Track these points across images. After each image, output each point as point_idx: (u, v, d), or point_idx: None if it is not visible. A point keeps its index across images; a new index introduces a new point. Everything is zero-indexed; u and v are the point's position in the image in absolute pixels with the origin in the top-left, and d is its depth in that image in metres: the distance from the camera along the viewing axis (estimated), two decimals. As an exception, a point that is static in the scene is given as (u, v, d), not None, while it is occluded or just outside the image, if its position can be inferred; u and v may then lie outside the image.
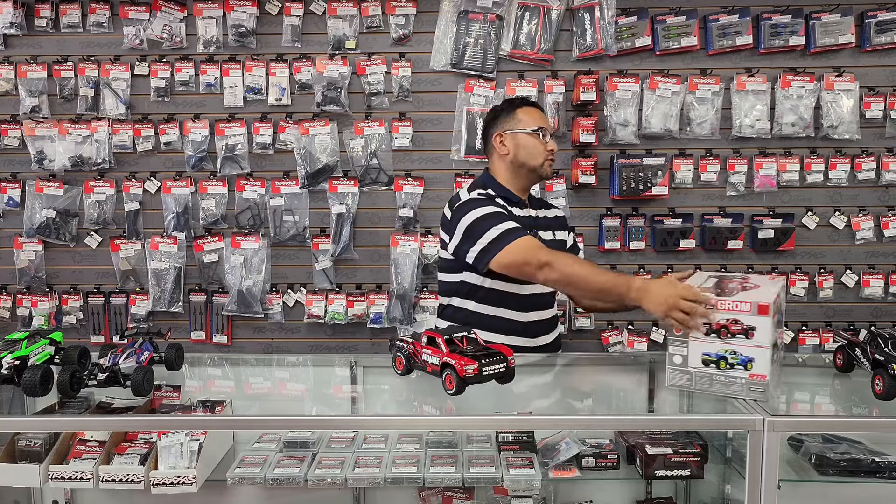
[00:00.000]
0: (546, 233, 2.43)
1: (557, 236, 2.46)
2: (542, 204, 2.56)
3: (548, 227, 2.44)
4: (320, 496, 2.00)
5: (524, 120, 2.38)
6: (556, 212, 2.57)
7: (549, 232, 2.44)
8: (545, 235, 2.41)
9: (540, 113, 2.46)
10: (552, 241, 2.42)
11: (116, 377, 1.78)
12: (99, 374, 1.78)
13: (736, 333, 1.71)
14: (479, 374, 1.70)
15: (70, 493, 2.06)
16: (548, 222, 2.47)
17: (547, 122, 2.45)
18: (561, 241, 2.47)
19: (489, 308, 2.36)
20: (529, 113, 2.41)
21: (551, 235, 2.44)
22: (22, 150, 3.51)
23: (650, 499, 2.09)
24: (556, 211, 2.58)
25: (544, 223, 2.45)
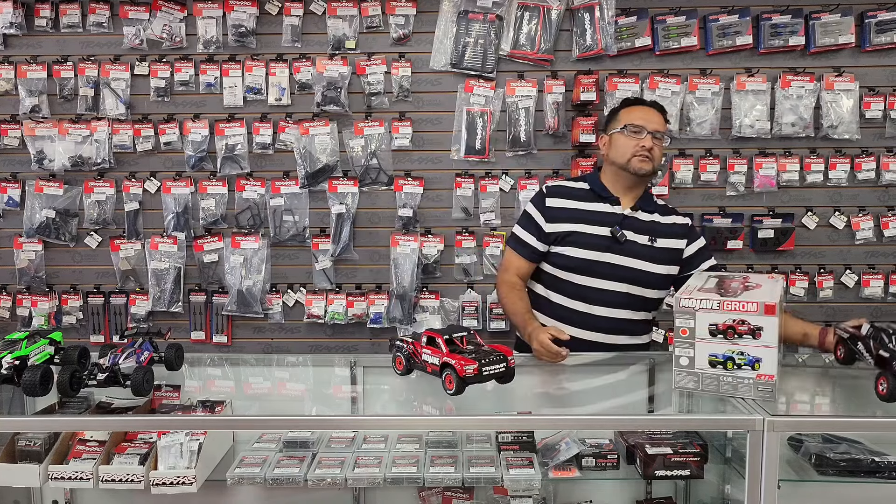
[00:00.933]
0: (639, 235, 2.41)
1: (659, 243, 2.43)
2: (661, 210, 2.51)
3: (647, 232, 2.43)
4: (320, 496, 2.00)
5: (620, 119, 2.46)
6: (675, 219, 2.52)
7: (645, 237, 2.42)
8: (634, 237, 2.40)
9: (643, 111, 2.45)
10: (645, 245, 2.41)
11: (116, 377, 1.78)
12: (99, 374, 1.78)
13: (743, 334, 1.71)
14: (478, 374, 1.70)
15: (70, 493, 2.06)
16: (651, 227, 2.44)
17: (649, 118, 2.42)
18: (665, 249, 2.44)
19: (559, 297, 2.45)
20: (629, 112, 2.46)
21: (646, 240, 2.42)
22: (22, 150, 3.51)
23: (650, 499, 2.09)
24: (678, 219, 2.53)
25: (643, 226, 2.43)
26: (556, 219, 2.45)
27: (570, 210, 2.45)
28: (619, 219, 2.42)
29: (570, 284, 2.42)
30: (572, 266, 2.41)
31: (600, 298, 2.40)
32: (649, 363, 2.32)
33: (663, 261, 2.43)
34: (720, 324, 1.73)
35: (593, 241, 2.40)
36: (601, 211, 2.43)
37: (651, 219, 2.46)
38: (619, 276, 2.39)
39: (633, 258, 2.40)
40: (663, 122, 2.47)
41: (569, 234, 2.42)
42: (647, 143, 2.37)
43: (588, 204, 2.45)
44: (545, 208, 2.47)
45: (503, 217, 3.49)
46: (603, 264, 2.39)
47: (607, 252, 2.39)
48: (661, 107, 2.53)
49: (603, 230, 2.40)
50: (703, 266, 2.49)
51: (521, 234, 2.49)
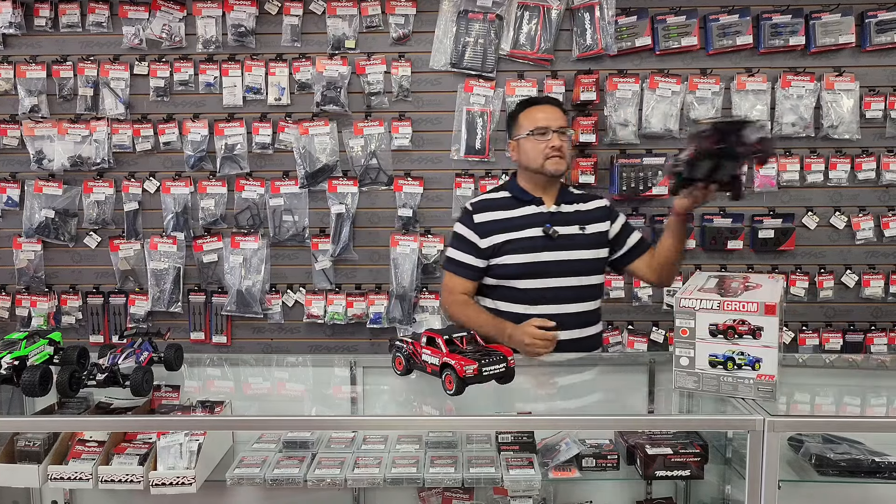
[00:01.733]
0: (569, 227, 2.45)
1: (588, 230, 2.48)
2: (580, 198, 2.56)
3: (575, 222, 2.47)
4: (320, 496, 2.00)
5: (523, 124, 2.46)
6: (595, 203, 2.56)
7: (575, 227, 2.46)
8: (566, 230, 2.44)
9: (540, 112, 2.46)
10: (578, 235, 2.45)
11: (115, 377, 1.78)
12: (98, 375, 1.78)
13: (743, 334, 1.70)
14: (478, 375, 1.69)
15: (69, 494, 2.05)
16: (577, 216, 2.49)
17: (550, 117, 2.44)
18: (595, 234, 2.49)
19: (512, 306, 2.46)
20: (528, 115, 2.47)
21: (577, 230, 2.46)
22: (21, 150, 3.51)
23: (650, 499, 2.08)
24: (597, 202, 2.57)
25: (570, 218, 2.48)
26: (489, 232, 2.46)
27: (499, 221, 2.47)
28: (547, 217, 2.46)
29: (516, 290, 2.44)
30: (514, 273, 2.43)
31: (547, 297, 2.42)
32: (649, 363, 2.32)
33: (595, 245, 2.49)
34: (720, 324, 1.72)
35: (528, 244, 2.43)
36: (528, 214, 2.47)
37: (575, 209, 2.51)
38: (561, 272, 2.42)
39: (569, 250, 2.44)
40: (562, 115, 2.49)
41: (503, 243, 2.43)
42: (555, 142, 2.40)
43: (514, 211, 2.48)
44: (475, 225, 2.48)
45: (503, 217, 3.49)
46: (543, 263, 2.42)
47: (544, 251, 2.42)
48: (557, 101, 2.56)
49: (535, 231, 2.44)
50: (629, 241, 2.55)
51: (458, 255, 2.50)
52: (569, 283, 2.43)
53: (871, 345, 3.50)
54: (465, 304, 2.49)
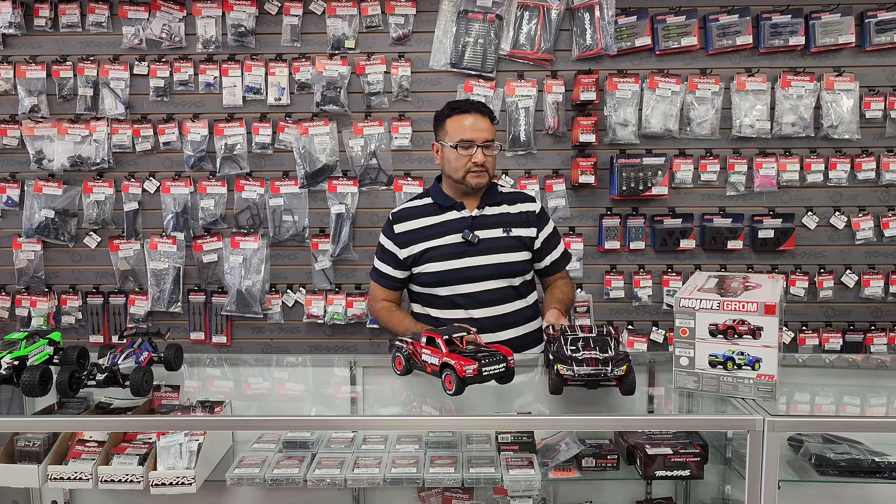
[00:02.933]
0: (491, 230, 2.41)
1: (514, 233, 2.43)
2: (508, 199, 2.49)
3: (498, 225, 2.43)
4: (320, 497, 2.00)
5: (449, 132, 2.39)
6: (523, 206, 2.49)
7: (499, 229, 2.42)
8: (488, 233, 2.41)
9: (469, 121, 2.36)
10: (500, 237, 2.41)
11: (115, 377, 1.78)
12: (98, 375, 1.78)
13: (743, 334, 1.70)
14: (478, 375, 1.69)
15: (69, 494, 2.05)
16: (501, 219, 2.44)
17: (476, 129, 2.34)
18: (517, 238, 2.43)
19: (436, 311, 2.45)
20: (455, 123, 2.37)
21: (500, 232, 2.42)
22: (21, 150, 3.51)
23: (650, 499, 2.08)
24: (526, 206, 2.49)
25: (493, 221, 2.43)
26: (409, 242, 2.44)
27: (418, 230, 2.45)
28: (467, 222, 2.42)
29: (441, 297, 2.43)
30: (436, 280, 2.42)
31: (474, 301, 2.39)
32: (649, 363, 2.32)
33: (520, 248, 2.45)
34: (720, 324, 1.72)
35: (449, 250, 2.40)
36: (449, 220, 2.43)
37: (500, 211, 2.45)
38: (484, 275, 2.39)
39: (492, 254, 2.40)
40: (490, 125, 2.39)
41: (423, 251, 2.42)
42: (478, 158, 2.33)
43: (435, 217, 2.45)
44: (395, 235, 2.46)
45: (503, 217, 3.49)
46: (464, 269, 2.39)
47: (465, 257, 2.39)
48: (486, 110, 2.42)
49: (456, 238, 2.40)
50: (548, 258, 2.50)
51: (380, 265, 2.51)
52: (494, 286, 2.40)
53: (871, 345, 3.50)
54: (388, 311, 2.49)
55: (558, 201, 3.49)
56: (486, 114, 2.40)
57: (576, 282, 3.48)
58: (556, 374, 1.71)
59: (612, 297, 3.53)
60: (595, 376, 1.71)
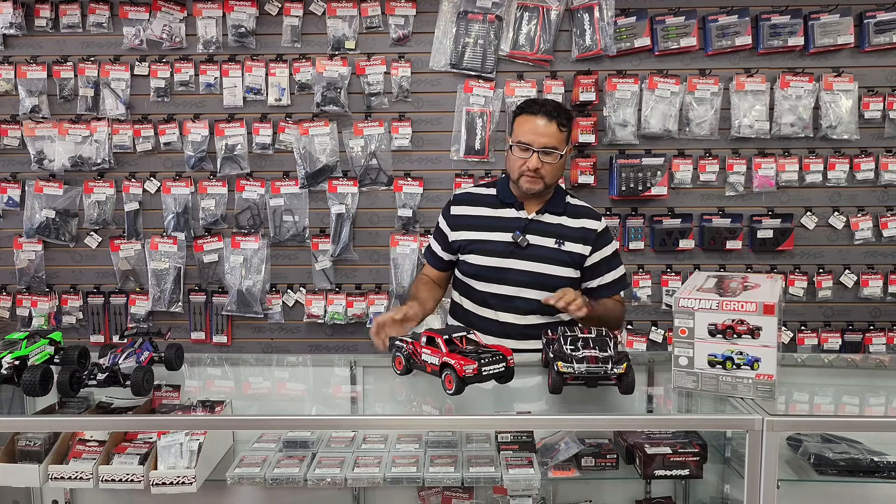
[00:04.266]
0: (543, 238, 2.34)
1: (566, 247, 2.34)
2: (572, 211, 2.40)
3: (552, 235, 2.35)
4: (320, 496, 2.00)
5: (514, 130, 2.33)
6: (585, 223, 2.38)
7: (551, 239, 2.34)
8: (539, 241, 2.34)
9: (533, 123, 2.26)
10: (550, 248, 2.34)
11: (116, 377, 1.78)
12: (99, 374, 1.78)
13: (742, 334, 1.71)
14: (478, 374, 1.70)
15: (70, 493, 2.05)
16: (557, 229, 2.36)
17: (538, 133, 2.25)
18: (568, 253, 2.34)
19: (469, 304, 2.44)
20: (520, 123, 2.31)
21: (552, 243, 2.34)
22: (22, 151, 3.51)
23: (649, 498, 2.09)
24: (589, 223, 2.39)
25: (548, 229, 2.35)
26: (460, 227, 2.41)
27: (474, 217, 2.40)
28: (522, 223, 2.35)
29: (476, 291, 2.39)
30: (475, 273, 2.38)
31: (506, 305, 2.34)
32: (648, 363, 2.32)
33: (567, 264, 2.35)
34: (719, 324, 1.73)
35: (495, 247, 2.34)
36: (505, 217, 2.38)
37: (558, 221, 2.36)
38: (524, 282, 2.33)
39: (537, 262, 2.32)
40: (556, 130, 2.25)
41: (472, 241, 2.38)
42: (532, 163, 2.24)
43: (493, 210, 2.40)
44: (450, 216, 2.44)
45: (503, 217, 3.50)
46: (506, 270, 2.33)
47: (510, 258, 2.33)
48: (556, 112, 2.27)
49: (506, 236, 2.34)
50: (603, 279, 2.40)
51: (432, 242, 2.52)
52: (531, 295, 2.32)
53: (870, 344, 3.51)
54: (417, 282, 2.51)
55: (558, 201, 3.49)
56: (553, 118, 2.25)
57: (575, 282, 3.49)
58: (557, 371, 1.72)
59: (611, 298, 3.53)
60: (595, 374, 1.71)
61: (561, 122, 2.27)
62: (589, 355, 1.74)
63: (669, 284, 3.51)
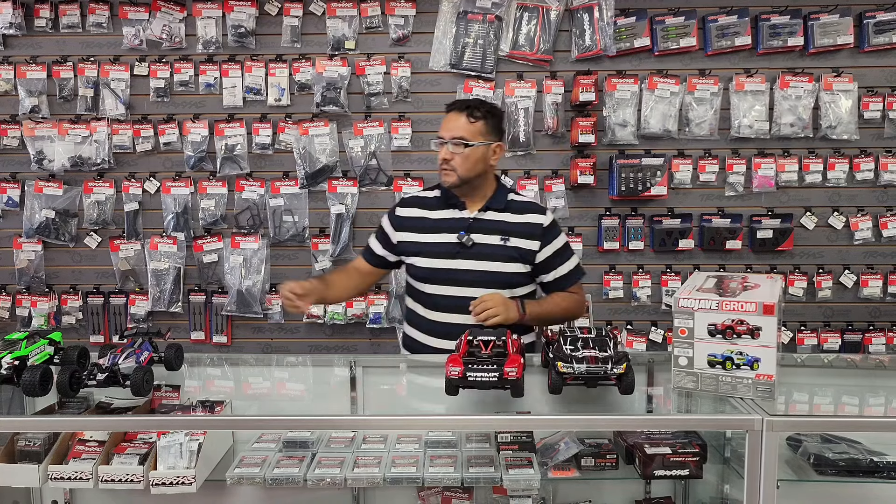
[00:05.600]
0: (488, 236, 2.32)
1: (511, 242, 2.32)
2: (516, 207, 2.38)
3: (497, 232, 2.33)
4: (319, 496, 2.00)
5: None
6: (531, 218, 2.37)
7: (496, 236, 2.32)
8: (484, 239, 2.31)
9: (446, 118, 2.32)
10: (496, 245, 2.31)
11: (116, 377, 1.78)
12: (98, 375, 1.78)
13: (742, 334, 1.71)
14: (462, 378, 1.68)
15: (69, 494, 2.05)
16: (501, 226, 2.33)
17: (451, 126, 2.29)
18: (514, 248, 2.32)
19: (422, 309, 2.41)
20: (443, 121, 2.35)
21: (497, 240, 2.32)
22: (21, 151, 3.51)
23: (649, 498, 2.09)
24: (534, 217, 2.37)
25: (492, 227, 2.33)
26: (405, 228, 2.40)
27: (418, 219, 2.40)
28: (466, 223, 2.33)
29: (426, 295, 2.37)
30: (424, 276, 2.36)
31: (457, 305, 2.29)
32: (648, 363, 2.32)
33: (516, 259, 2.33)
34: (719, 324, 1.73)
35: (440, 248, 2.33)
36: (448, 217, 2.37)
37: (501, 218, 2.34)
38: (472, 281, 2.30)
39: (484, 261, 2.30)
40: (465, 122, 2.27)
41: (417, 243, 2.37)
42: (441, 154, 2.29)
43: (437, 212, 2.39)
44: (395, 217, 2.44)
45: (502, 217, 3.50)
46: (454, 271, 2.31)
47: (456, 258, 2.31)
48: (467, 106, 2.31)
49: (450, 237, 2.32)
50: (558, 271, 2.38)
51: (371, 241, 2.50)
52: (478, 293, 2.26)
53: (870, 345, 3.51)
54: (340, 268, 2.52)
55: (557, 202, 3.49)
56: (463, 111, 2.30)
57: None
58: (556, 371, 1.72)
59: (611, 297, 3.53)
60: (595, 374, 1.71)
61: (472, 113, 2.29)
62: (589, 355, 1.74)
63: (669, 284, 3.51)
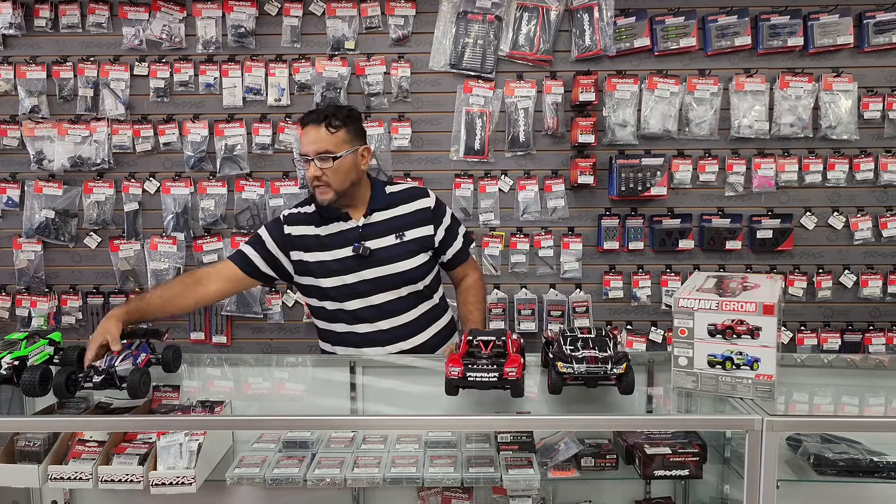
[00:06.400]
0: (383, 239, 2.26)
1: (408, 236, 2.27)
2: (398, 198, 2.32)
3: (390, 231, 2.27)
4: (319, 496, 2.00)
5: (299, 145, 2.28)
6: (417, 204, 2.31)
7: (391, 236, 2.26)
8: (380, 243, 2.26)
9: (306, 133, 2.19)
10: (394, 245, 2.26)
11: (112, 380, 1.78)
12: (95, 377, 1.77)
13: (742, 334, 1.71)
14: (462, 378, 1.68)
15: (69, 494, 2.05)
16: (393, 223, 2.28)
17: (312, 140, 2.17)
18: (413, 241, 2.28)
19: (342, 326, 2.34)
20: (301, 136, 2.23)
21: (393, 239, 2.26)
22: (21, 151, 3.51)
23: (649, 499, 2.09)
24: (420, 202, 2.31)
25: (384, 227, 2.28)
26: (297, 247, 2.28)
27: (310, 237, 2.28)
28: (356, 233, 2.25)
29: (345, 312, 2.29)
30: (334, 296, 2.27)
31: (380, 313, 2.27)
32: (648, 363, 2.32)
33: (416, 252, 2.28)
34: (719, 324, 1.73)
35: (339, 266, 2.24)
36: (336, 232, 2.26)
37: (390, 215, 2.28)
38: (380, 288, 2.25)
39: (386, 265, 2.25)
40: (326, 134, 2.15)
41: (316, 263, 2.27)
42: (310, 172, 2.16)
43: (321, 228, 2.27)
44: (284, 236, 2.29)
45: (502, 217, 3.50)
46: (361, 283, 2.25)
47: (360, 270, 2.24)
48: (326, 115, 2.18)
49: (345, 251, 2.24)
50: (451, 249, 2.37)
51: (247, 249, 2.31)
52: (395, 296, 2.27)
53: (870, 345, 3.51)
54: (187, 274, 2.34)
55: (557, 202, 3.49)
56: (321, 122, 2.16)
57: (574, 282, 3.50)
58: (556, 372, 1.72)
59: (610, 298, 3.53)
60: (594, 374, 1.71)
61: (330, 123, 2.17)
62: (588, 355, 1.74)
63: (669, 285, 3.51)
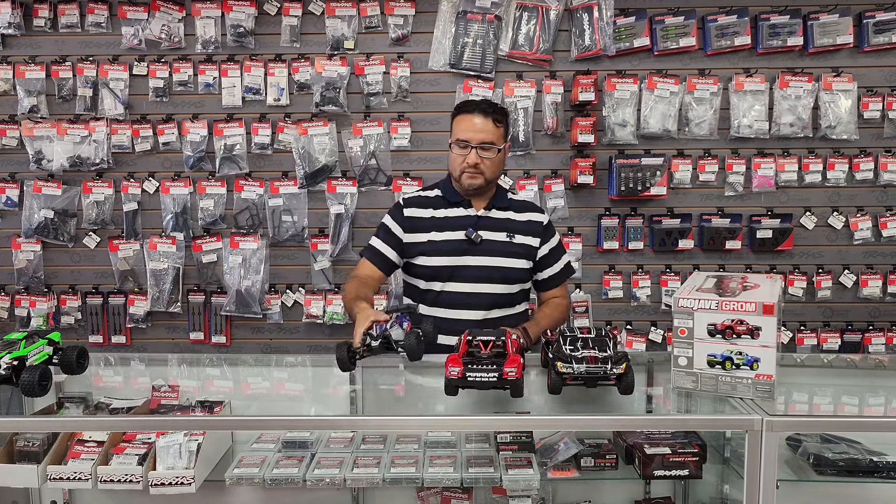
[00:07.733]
0: (495, 233, 2.39)
1: (517, 239, 2.40)
2: (516, 206, 2.47)
3: (503, 229, 2.40)
4: (319, 496, 2.00)
5: (454, 130, 2.40)
6: (531, 216, 2.46)
7: (502, 233, 2.40)
8: (492, 235, 2.38)
9: (469, 121, 2.34)
10: (503, 241, 2.39)
11: (388, 342, 1.85)
12: (373, 343, 1.86)
13: (742, 334, 1.71)
14: (462, 378, 1.67)
15: (68, 494, 2.05)
16: (506, 224, 2.41)
17: (475, 130, 2.32)
18: (520, 245, 2.40)
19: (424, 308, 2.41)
20: (459, 122, 2.38)
21: (504, 237, 2.39)
22: (20, 151, 3.51)
23: (649, 499, 2.09)
24: (534, 216, 2.47)
25: (498, 224, 2.41)
26: (414, 229, 2.41)
27: (426, 219, 2.42)
28: (472, 220, 2.39)
29: (434, 293, 2.39)
30: (432, 274, 2.38)
31: (466, 302, 2.36)
32: (648, 363, 2.32)
33: (521, 255, 2.41)
34: (719, 324, 1.73)
35: (449, 246, 2.37)
36: (454, 216, 2.41)
37: (506, 216, 2.43)
38: (481, 277, 2.36)
39: (492, 256, 2.37)
40: (493, 127, 2.32)
41: (425, 242, 2.39)
42: (471, 159, 2.31)
43: (442, 211, 2.42)
44: (403, 219, 2.43)
45: (502, 217, 3.50)
46: (463, 267, 2.36)
47: (465, 255, 2.36)
48: (491, 109, 2.35)
49: (458, 234, 2.37)
50: (552, 269, 2.47)
51: (377, 243, 2.44)
52: (489, 290, 2.37)
53: (869, 344, 3.51)
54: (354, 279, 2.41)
55: (557, 202, 3.49)
56: (488, 114, 2.34)
57: (574, 282, 3.50)
58: (556, 372, 1.71)
59: (610, 297, 3.53)
60: (594, 374, 1.71)
61: (496, 118, 2.34)
62: (588, 355, 1.74)
63: (669, 284, 3.51)
